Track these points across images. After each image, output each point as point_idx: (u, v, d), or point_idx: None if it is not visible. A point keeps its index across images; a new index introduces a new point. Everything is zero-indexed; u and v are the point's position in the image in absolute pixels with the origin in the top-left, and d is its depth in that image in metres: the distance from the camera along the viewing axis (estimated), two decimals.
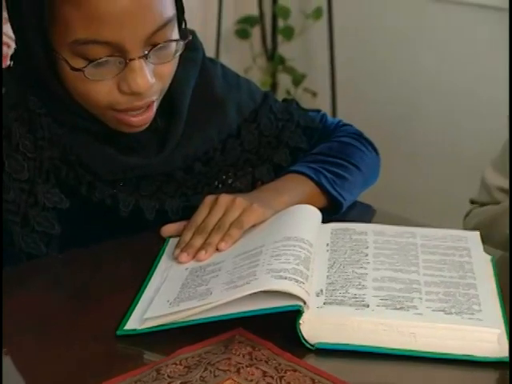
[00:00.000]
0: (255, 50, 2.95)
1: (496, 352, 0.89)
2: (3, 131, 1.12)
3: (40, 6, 1.03)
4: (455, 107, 2.62)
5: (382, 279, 0.99)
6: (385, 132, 2.61)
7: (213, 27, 2.84)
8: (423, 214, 2.36)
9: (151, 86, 1.06)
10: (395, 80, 2.78)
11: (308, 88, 2.95)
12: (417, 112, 2.74)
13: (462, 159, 2.49)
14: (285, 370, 0.86)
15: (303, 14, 2.88)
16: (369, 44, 2.83)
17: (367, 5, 2.79)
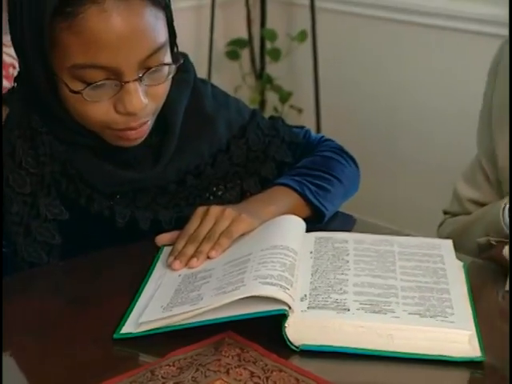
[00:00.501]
0: (244, 70, 2.96)
1: (467, 352, 0.89)
2: (7, 148, 1.12)
3: (40, 32, 1.03)
4: (430, 125, 2.63)
5: (362, 284, 0.99)
6: (365, 147, 2.61)
7: (205, 49, 2.84)
8: (400, 224, 2.37)
9: (145, 107, 1.06)
10: (375, 98, 2.79)
11: (294, 105, 2.95)
12: (395, 129, 2.75)
13: (436, 173, 2.50)
14: (271, 371, 0.86)
15: (289, 36, 2.89)
16: (350, 65, 2.84)
17: (349, 28, 2.80)
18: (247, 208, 1.16)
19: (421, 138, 2.67)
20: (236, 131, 1.26)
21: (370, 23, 2.74)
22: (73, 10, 1.00)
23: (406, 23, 2.63)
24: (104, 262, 1.13)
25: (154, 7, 1.05)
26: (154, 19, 1.04)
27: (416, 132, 2.68)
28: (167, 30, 1.08)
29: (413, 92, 2.67)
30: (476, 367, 0.88)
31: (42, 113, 1.12)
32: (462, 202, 1.33)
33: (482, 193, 1.30)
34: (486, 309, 0.99)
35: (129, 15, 1.02)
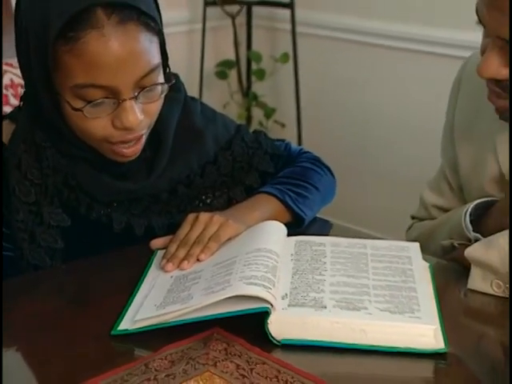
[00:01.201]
0: (232, 89, 2.96)
1: (432, 345, 0.90)
2: (14, 161, 1.11)
3: (45, 55, 1.02)
4: (399, 139, 2.65)
5: (338, 284, 0.99)
6: (341, 158, 2.62)
7: (196, 69, 2.84)
8: (373, 228, 2.38)
9: (140, 122, 1.06)
10: (350, 114, 2.80)
11: (278, 120, 2.96)
12: (368, 142, 2.76)
13: (404, 182, 2.51)
14: (255, 363, 0.86)
15: (273, 58, 2.90)
16: (328, 84, 2.85)
17: (326, 51, 2.81)
18: (233, 214, 1.15)
19: (391, 151, 2.68)
20: (223, 144, 1.26)
21: (345, 46, 2.75)
22: (74, 35, 1.00)
23: (378, 46, 2.64)
24: (102, 264, 1.12)
25: (149, 32, 1.04)
26: (148, 43, 1.04)
27: (387, 145, 2.70)
28: (160, 52, 1.08)
29: (384, 109, 2.69)
30: (440, 358, 0.88)
31: (46, 129, 1.12)
32: (427, 207, 1.33)
33: (446, 199, 1.30)
34: (449, 305, 0.99)
35: (126, 40, 1.01)
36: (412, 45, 2.55)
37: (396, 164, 2.66)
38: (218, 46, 2.99)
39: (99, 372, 0.83)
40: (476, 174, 1.20)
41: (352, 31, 2.71)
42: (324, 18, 2.78)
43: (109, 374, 0.84)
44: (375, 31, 2.63)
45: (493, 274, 1.01)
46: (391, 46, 2.61)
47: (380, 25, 2.61)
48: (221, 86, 2.98)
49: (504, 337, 0.96)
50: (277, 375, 0.84)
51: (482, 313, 1.01)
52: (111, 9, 1.01)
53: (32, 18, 1.04)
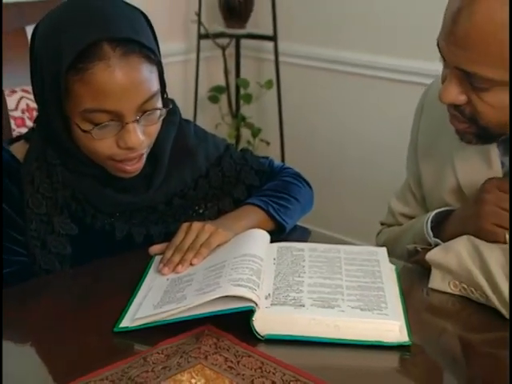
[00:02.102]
0: (223, 111, 2.96)
1: (398, 338, 0.90)
2: (28, 177, 1.11)
3: (57, 84, 1.02)
4: (370, 155, 2.65)
5: (315, 285, 0.99)
6: (319, 173, 2.62)
7: (191, 94, 2.84)
8: (347, 234, 2.39)
9: (142, 143, 1.06)
10: (327, 134, 2.80)
11: (263, 139, 2.96)
12: (342, 158, 2.76)
13: (375, 192, 2.51)
14: (241, 356, 0.86)
15: (259, 84, 2.90)
16: (307, 107, 2.85)
17: (306, 78, 2.81)
18: (223, 223, 1.15)
19: (363, 165, 2.69)
20: (213, 161, 1.26)
21: (322, 74, 2.76)
22: (84, 66, 1.00)
23: (350, 74, 2.65)
24: (105, 268, 1.12)
25: (149, 63, 1.04)
26: (149, 73, 1.04)
27: (359, 160, 2.70)
28: (159, 81, 1.08)
29: (356, 128, 2.69)
30: (405, 350, 0.89)
31: (56, 148, 1.11)
32: (394, 215, 1.33)
33: (411, 208, 1.30)
34: (413, 303, 0.99)
35: (129, 70, 1.01)
36: (380, 73, 2.56)
37: (367, 177, 2.67)
38: (211, 74, 3.00)
39: (102, 365, 0.83)
40: (437, 186, 1.20)
41: (327, 61, 2.72)
42: (303, 50, 2.78)
43: (111, 366, 0.83)
44: (347, 61, 2.64)
45: (450, 275, 1.02)
46: (361, 73, 2.62)
47: (352, 55, 2.62)
48: (213, 109, 2.98)
49: (461, 330, 0.97)
50: (261, 366, 0.84)
51: (441, 309, 1.01)
52: (116, 43, 1.01)
53: (46, 51, 1.05)
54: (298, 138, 2.89)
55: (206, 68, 2.95)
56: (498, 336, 0.94)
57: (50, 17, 1.07)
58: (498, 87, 0.97)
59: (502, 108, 0.99)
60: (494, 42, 0.93)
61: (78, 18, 1.03)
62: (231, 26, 2.82)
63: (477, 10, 0.93)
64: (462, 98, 1.01)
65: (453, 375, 0.89)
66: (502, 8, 0.92)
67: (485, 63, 0.95)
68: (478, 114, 1.01)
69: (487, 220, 1.02)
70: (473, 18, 0.94)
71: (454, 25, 0.96)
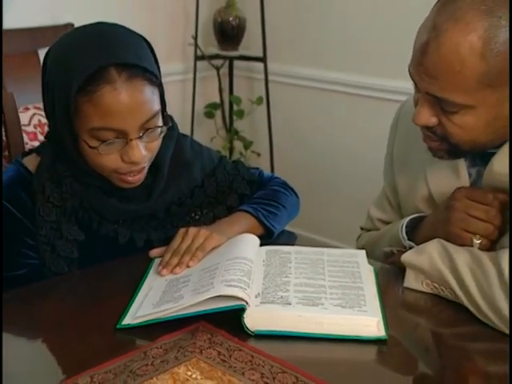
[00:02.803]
0: (218, 126, 2.96)
1: (375, 333, 0.90)
2: (39, 187, 1.11)
3: (67, 104, 1.02)
4: (353, 167, 2.65)
5: (300, 285, 0.99)
6: (306, 182, 2.62)
7: (189, 110, 2.84)
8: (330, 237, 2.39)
9: (144, 157, 1.06)
10: (312, 145, 2.80)
11: (254, 150, 2.95)
12: (328, 168, 2.76)
13: (355, 200, 2.51)
14: (233, 350, 0.86)
15: (250, 101, 2.90)
16: (294, 121, 2.85)
17: (293, 95, 2.82)
18: (217, 228, 1.15)
19: (345, 175, 2.69)
20: (208, 172, 1.26)
21: (307, 91, 2.76)
22: (92, 89, 1.00)
23: (333, 91, 2.65)
24: (109, 271, 1.11)
25: (151, 85, 1.04)
26: (151, 94, 1.04)
27: (342, 170, 2.70)
28: (160, 101, 1.08)
29: (340, 141, 2.69)
30: (382, 344, 0.89)
31: (66, 161, 1.11)
32: (373, 220, 1.33)
33: (387, 214, 1.30)
34: (390, 301, 0.99)
35: (133, 92, 1.01)
36: (360, 91, 2.56)
37: (349, 185, 2.67)
38: (206, 92, 2.99)
39: (106, 359, 0.83)
40: (410, 194, 1.20)
41: (312, 80, 2.72)
42: (290, 70, 2.79)
43: (114, 360, 0.83)
44: (330, 80, 2.64)
45: (423, 274, 1.02)
46: (343, 91, 2.62)
47: (334, 75, 2.63)
48: (209, 124, 2.97)
49: (433, 325, 0.97)
50: (251, 360, 0.84)
51: (415, 306, 1.01)
52: (121, 67, 1.01)
53: (57, 74, 1.04)
54: (286, 149, 2.89)
55: (202, 86, 2.95)
56: (466, 330, 0.94)
57: (62, 42, 1.07)
58: (465, 110, 0.98)
59: (469, 128, 0.99)
60: (460, 71, 0.94)
61: (87, 45, 1.03)
62: (225, 49, 2.82)
63: (443, 43, 0.94)
64: (434, 120, 1.01)
65: (426, 365, 0.89)
66: (465, 40, 0.93)
67: (452, 90, 0.96)
68: (449, 134, 1.01)
69: (456, 225, 1.03)
70: (440, 50, 0.94)
71: (422, 56, 0.97)
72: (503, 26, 0.92)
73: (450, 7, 0.95)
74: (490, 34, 0.92)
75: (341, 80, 2.62)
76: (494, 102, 0.97)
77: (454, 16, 0.94)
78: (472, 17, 0.92)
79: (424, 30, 0.98)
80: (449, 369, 0.85)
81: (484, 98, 0.96)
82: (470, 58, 0.93)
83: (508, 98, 0.96)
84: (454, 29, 0.93)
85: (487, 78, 0.94)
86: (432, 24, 0.96)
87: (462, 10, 0.93)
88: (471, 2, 0.93)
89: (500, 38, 0.92)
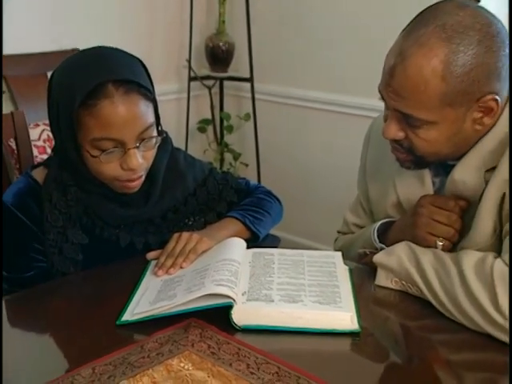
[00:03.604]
0: (210, 139, 2.96)
1: (349, 326, 0.90)
2: (47, 196, 1.10)
3: (70, 118, 1.02)
4: (329, 174, 2.66)
5: (282, 283, 0.99)
6: (289, 189, 2.62)
7: (183, 126, 2.84)
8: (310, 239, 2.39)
9: (141, 165, 1.06)
10: (295, 156, 2.80)
11: (243, 162, 2.95)
12: (308, 178, 2.77)
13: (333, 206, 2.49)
14: (222, 343, 0.86)
15: (238, 117, 2.90)
16: (278, 135, 2.85)
17: (276, 112, 2.82)
18: (207, 233, 1.14)
19: (324, 184, 2.69)
20: (200, 182, 1.25)
21: (291, 109, 2.77)
22: (92, 103, 1.00)
23: (315, 109, 2.66)
24: (111, 271, 1.10)
25: (146, 100, 1.04)
26: (146, 108, 1.04)
27: (321, 180, 2.71)
28: (154, 114, 1.08)
29: (319, 154, 2.70)
30: (356, 336, 0.89)
31: (70, 171, 1.10)
32: (348, 225, 1.33)
33: (361, 219, 1.30)
34: (363, 297, 0.99)
35: (129, 105, 1.01)
36: (336, 108, 2.57)
37: (327, 193, 2.67)
38: (199, 109, 2.99)
39: (107, 352, 0.82)
40: (381, 201, 1.20)
41: (294, 98, 2.73)
42: (275, 89, 2.79)
43: (114, 353, 0.83)
44: (311, 98, 2.65)
45: (392, 273, 1.02)
46: (322, 108, 2.63)
47: (315, 94, 2.63)
48: (201, 138, 2.97)
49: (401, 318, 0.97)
50: (238, 352, 0.83)
51: (385, 301, 1.01)
52: (119, 83, 1.01)
53: (61, 91, 1.04)
54: (271, 160, 2.89)
55: (195, 104, 2.95)
56: (430, 322, 0.94)
57: (65, 63, 1.07)
58: (428, 125, 0.98)
59: (432, 141, 0.99)
60: (424, 91, 0.94)
61: (88, 64, 1.03)
62: (216, 70, 2.82)
63: (409, 66, 0.95)
64: (401, 134, 1.02)
65: (395, 354, 0.89)
66: (428, 64, 0.93)
67: (417, 107, 0.96)
68: (414, 147, 1.02)
69: (422, 229, 1.03)
70: (406, 72, 0.95)
71: (391, 78, 0.97)
72: (461, 51, 0.93)
73: (414, 34, 0.95)
74: (449, 58, 0.93)
75: (319, 98, 2.63)
76: (454, 119, 0.97)
77: (418, 42, 0.94)
78: (434, 43, 0.93)
79: (392, 55, 0.98)
80: (415, 357, 0.86)
81: (445, 115, 0.97)
82: (432, 79, 0.94)
83: (464, 115, 0.97)
84: (418, 54, 0.94)
85: (447, 97, 0.95)
86: (399, 49, 0.96)
87: (425, 37, 0.94)
88: (433, 30, 0.94)
89: (458, 62, 0.93)
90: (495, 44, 0.94)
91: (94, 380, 0.77)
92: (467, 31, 0.93)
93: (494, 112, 0.97)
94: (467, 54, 0.92)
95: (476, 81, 0.94)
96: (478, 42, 0.93)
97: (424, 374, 0.81)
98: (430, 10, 0.97)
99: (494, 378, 0.81)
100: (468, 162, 1.02)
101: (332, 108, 2.60)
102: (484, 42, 0.93)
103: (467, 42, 0.92)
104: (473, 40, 0.92)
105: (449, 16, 0.94)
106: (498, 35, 0.94)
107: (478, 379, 0.81)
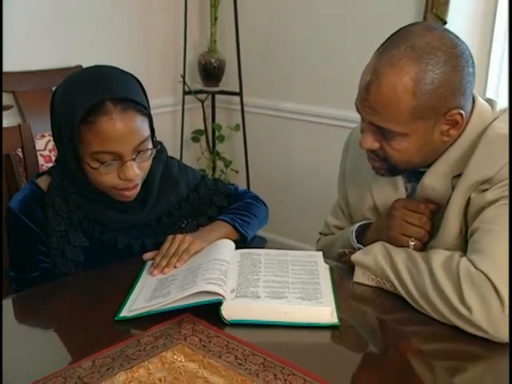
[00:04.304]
0: (203, 148, 2.95)
1: (330, 320, 0.90)
2: (51, 202, 1.09)
3: (71, 133, 1.01)
4: (312, 180, 2.66)
5: (268, 281, 0.99)
6: (275, 193, 2.63)
7: (178, 136, 2.83)
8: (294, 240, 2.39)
9: (137, 175, 1.05)
10: (282, 164, 2.81)
11: (233, 169, 2.95)
12: (292, 183, 2.77)
13: (315, 209, 2.51)
14: (212, 337, 0.85)
15: (229, 127, 2.90)
16: (266, 144, 2.85)
17: (264, 123, 2.83)
18: (199, 235, 1.14)
19: (307, 189, 2.69)
20: (192, 188, 1.25)
21: (276, 120, 2.77)
22: (92, 119, 0.99)
23: (299, 120, 2.66)
24: (109, 272, 1.09)
25: (142, 115, 1.04)
26: (141, 122, 1.04)
27: (305, 185, 2.71)
28: (149, 128, 1.08)
29: (303, 161, 2.71)
30: (335, 328, 0.89)
31: (72, 180, 1.10)
32: (329, 227, 1.33)
33: (341, 221, 1.30)
34: (342, 293, 0.99)
35: (126, 121, 1.01)
36: (318, 119, 2.58)
37: (310, 197, 2.67)
38: (193, 121, 2.98)
39: (106, 346, 0.82)
40: (359, 205, 1.20)
41: (280, 110, 2.73)
42: (262, 102, 2.79)
43: (112, 347, 0.82)
44: (295, 110, 2.66)
45: (369, 271, 1.02)
46: (305, 119, 2.64)
47: (299, 106, 2.64)
48: (195, 147, 2.97)
49: (377, 312, 0.97)
50: (227, 344, 0.83)
51: (363, 297, 1.01)
52: (116, 101, 1.00)
53: (63, 108, 1.03)
54: (259, 167, 2.89)
55: (189, 116, 2.94)
56: (403, 315, 0.95)
57: (67, 81, 1.06)
58: (400, 137, 0.99)
59: (404, 151, 1.00)
60: (397, 106, 0.95)
61: (87, 83, 1.02)
62: (208, 85, 2.82)
63: (382, 83, 0.95)
64: (376, 145, 1.02)
65: (372, 344, 0.88)
66: (400, 81, 0.94)
67: (390, 121, 0.97)
68: (388, 156, 1.02)
69: (395, 230, 1.03)
70: (380, 89, 0.95)
71: (366, 94, 0.98)
72: (429, 70, 0.93)
73: (387, 54, 0.96)
74: (419, 76, 0.93)
75: (303, 111, 2.64)
76: (424, 131, 0.98)
77: (390, 62, 0.95)
78: (405, 63, 0.94)
79: (367, 73, 0.99)
80: (390, 347, 0.86)
81: (416, 127, 0.97)
82: (404, 95, 0.94)
83: (433, 127, 0.98)
84: (391, 72, 0.94)
85: (418, 111, 0.95)
86: (373, 68, 0.97)
87: (396, 57, 0.95)
88: (404, 51, 0.94)
89: (427, 80, 0.94)
90: (460, 63, 0.95)
91: (93, 371, 0.77)
92: (434, 52, 0.93)
93: (459, 125, 0.98)
94: (435, 72, 0.93)
95: (443, 97, 0.94)
96: (445, 61, 0.93)
97: (398, 362, 0.81)
98: (401, 33, 0.98)
99: (460, 365, 0.82)
100: (436, 170, 1.03)
101: (313, 119, 2.61)
102: (450, 62, 0.94)
103: (435, 62, 0.93)
104: (440, 60, 0.93)
105: (418, 38, 0.94)
106: (462, 55, 0.95)
107: (446, 366, 0.82)
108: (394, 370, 0.79)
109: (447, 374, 0.80)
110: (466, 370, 0.81)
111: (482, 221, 0.94)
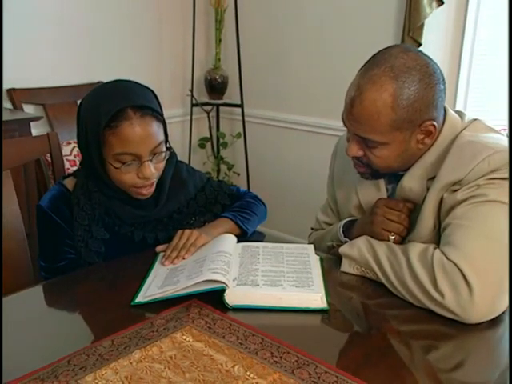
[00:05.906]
0: (208, 153, 2.95)
1: (320, 305, 0.89)
2: (76, 200, 1.09)
3: (97, 137, 1.01)
4: (306, 181, 2.67)
5: (266, 271, 0.99)
6: (273, 193, 2.63)
7: (187, 143, 2.83)
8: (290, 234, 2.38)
9: (153, 174, 1.05)
10: (279, 167, 2.81)
11: (235, 171, 2.95)
12: (288, 183, 2.77)
13: (308, 207, 2.50)
14: (216, 320, 0.85)
15: (231, 135, 2.90)
16: (264, 149, 2.86)
17: (263, 131, 2.83)
18: (205, 230, 1.13)
19: (301, 189, 2.70)
20: (199, 188, 1.24)
21: (274, 129, 2.77)
22: (115, 124, 1.00)
23: (294, 129, 2.67)
24: (127, 262, 1.09)
25: (157, 121, 1.04)
26: (157, 128, 1.04)
27: (299, 186, 2.71)
28: (164, 133, 1.07)
29: (297, 165, 2.71)
30: (324, 313, 0.89)
31: (95, 180, 1.10)
32: (320, 223, 1.33)
33: (330, 218, 1.30)
34: (331, 281, 0.99)
35: (145, 126, 1.01)
36: (311, 128, 2.59)
37: (304, 197, 2.68)
38: (200, 129, 2.99)
39: (123, 327, 0.82)
40: (346, 204, 1.20)
41: (277, 120, 2.74)
42: (261, 113, 2.80)
43: (129, 328, 0.82)
44: (291, 120, 2.67)
45: (354, 262, 1.02)
46: (300, 128, 2.64)
47: (294, 117, 2.65)
48: (201, 152, 2.97)
49: (361, 297, 0.97)
50: (229, 326, 0.83)
51: (349, 284, 1.01)
52: (136, 108, 1.01)
53: (88, 116, 1.03)
54: (258, 170, 2.89)
55: (196, 125, 2.95)
56: (384, 301, 0.94)
57: (91, 93, 1.06)
58: (381, 146, 0.99)
59: (385, 158, 1.00)
60: (378, 119, 0.95)
61: (110, 93, 1.03)
62: (213, 98, 2.82)
63: (365, 99, 0.95)
64: (360, 152, 1.02)
65: (358, 325, 0.88)
66: (380, 97, 0.94)
67: (372, 132, 0.97)
68: (371, 162, 1.02)
69: (377, 226, 1.03)
70: (362, 104, 0.95)
71: (351, 107, 0.98)
72: (406, 87, 0.94)
73: (369, 73, 0.96)
74: (397, 92, 0.93)
75: (297, 120, 2.64)
76: (402, 140, 0.98)
77: (371, 80, 0.95)
78: (384, 81, 0.94)
79: (351, 89, 0.98)
80: (374, 328, 0.85)
81: (394, 137, 0.97)
82: (383, 109, 0.94)
83: (410, 137, 0.98)
84: (372, 89, 0.94)
85: (396, 123, 0.95)
86: (357, 85, 0.97)
87: (377, 76, 0.95)
88: (383, 70, 0.95)
89: (404, 96, 0.94)
90: (432, 81, 0.95)
91: (113, 350, 0.76)
92: (410, 71, 0.94)
93: (433, 134, 0.99)
94: (411, 89, 0.93)
95: (418, 110, 0.95)
96: (419, 80, 0.93)
97: (380, 341, 0.81)
98: (381, 54, 0.98)
99: (434, 344, 0.82)
100: (414, 173, 1.03)
101: (305, 128, 2.61)
102: (424, 80, 0.94)
103: (411, 80, 0.93)
104: (415, 78, 0.93)
105: (395, 59, 0.95)
106: (434, 74, 0.95)
107: (422, 345, 0.82)
108: (376, 348, 0.79)
109: (422, 352, 0.80)
110: (438, 348, 0.81)
111: (453, 217, 0.94)
